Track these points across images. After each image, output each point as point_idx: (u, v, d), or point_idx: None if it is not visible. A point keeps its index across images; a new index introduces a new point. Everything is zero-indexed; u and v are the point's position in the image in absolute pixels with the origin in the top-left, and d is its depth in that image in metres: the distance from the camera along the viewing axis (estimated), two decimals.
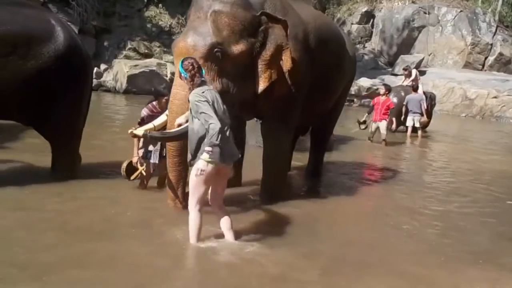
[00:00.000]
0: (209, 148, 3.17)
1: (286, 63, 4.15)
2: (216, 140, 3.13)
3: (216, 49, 3.86)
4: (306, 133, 5.92)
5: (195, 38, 3.89)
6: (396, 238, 4.06)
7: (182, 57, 3.68)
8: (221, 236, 3.52)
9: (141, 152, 4.51)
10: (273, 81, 4.15)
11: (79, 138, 4.92)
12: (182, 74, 3.36)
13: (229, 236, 3.48)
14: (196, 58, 3.56)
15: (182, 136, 3.59)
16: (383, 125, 8.52)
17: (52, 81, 4.45)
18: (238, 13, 3.96)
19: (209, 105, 3.21)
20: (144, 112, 4.50)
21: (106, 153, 5.84)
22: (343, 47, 5.35)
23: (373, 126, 8.65)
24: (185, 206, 3.81)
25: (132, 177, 4.51)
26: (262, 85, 4.14)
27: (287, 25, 4.12)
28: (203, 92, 3.27)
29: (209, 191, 3.43)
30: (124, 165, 4.50)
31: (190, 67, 3.33)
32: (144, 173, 4.52)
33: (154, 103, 4.57)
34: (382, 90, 9.01)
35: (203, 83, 3.39)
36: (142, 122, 4.36)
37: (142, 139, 4.40)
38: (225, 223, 3.47)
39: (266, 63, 4.13)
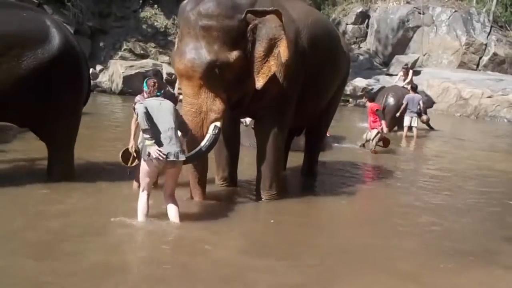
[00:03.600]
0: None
1: (283, 54, 4.13)
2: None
3: (213, 67, 3.99)
4: (301, 134, 5.93)
5: (192, 59, 4.02)
6: (391, 237, 4.08)
7: (185, 78, 4.11)
8: None
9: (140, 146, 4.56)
10: (269, 79, 4.19)
11: (74, 138, 4.92)
12: (144, 88, 4.18)
13: (175, 220, 3.84)
14: (195, 77, 4.01)
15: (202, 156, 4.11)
16: (372, 134, 7.98)
17: (47, 82, 4.46)
18: (224, 24, 4.03)
19: (145, 112, 3.70)
20: (138, 98, 4.63)
21: (102, 153, 5.85)
22: (336, 45, 5.37)
23: (366, 134, 8.17)
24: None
25: (128, 164, 4.57)
26: (261, 81, 4.20)
27: (279, 13, 4.11)
28: (146, 102, 3.85)
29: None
30: (121, 152, 4.62)
31: (151, 85, 4.07)
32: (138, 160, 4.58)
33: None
34: (364, 99, 8.75)
35: (152, 97, 4.00)
36: None
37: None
38: (171, 210, 3.85)
39: (261, 59, 4.17)
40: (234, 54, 4.05)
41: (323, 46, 4.87)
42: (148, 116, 3.68)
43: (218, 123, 4.11)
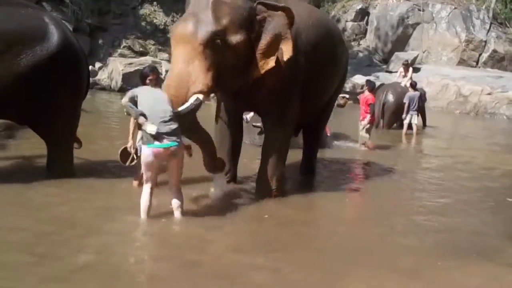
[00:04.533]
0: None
1: (285, 52, 4.12)
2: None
3: (216, 38, 3.91)
4: (298, 133, 5.86)
5: (196, 25, 3.93)
6: (390, 234, 4.08)
7: (182, 44, 3.93)
8: None
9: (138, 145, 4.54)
10: (266, 72, 4.17)
11: (73, 135, 4.92)
12: None
13: (177, 213, 3.87)
14: (195, 42, 3.85)
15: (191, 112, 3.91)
16: (363, 123, 7.80)
17: (46, 80, 4.45)
18: (238, 3, 4.02)
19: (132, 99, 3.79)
20: None
21: (101, 151, 5.85)
22: (338, 44, 5.36)
23: (360, 129, 7.95)
24: None
25: (126, 163, 4.54)
26: (256, 74, 4.17)
27: (290, 12, 4.11)
28: (136, 91, 3.88)
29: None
30: (119, 151, 4.54)
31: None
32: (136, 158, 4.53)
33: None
34: (364, 86, 8.48)
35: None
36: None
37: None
38: (175, 202, 3.86)
39: (262, 52, 4.15)
40: (238, 36, 4.02)
41: (324, 47, 4.87)
42: (136, 102, 3.72)
43: (200, 96, 3.94)
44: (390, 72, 16.37)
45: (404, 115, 9.78)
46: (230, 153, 4.92)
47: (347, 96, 8.26)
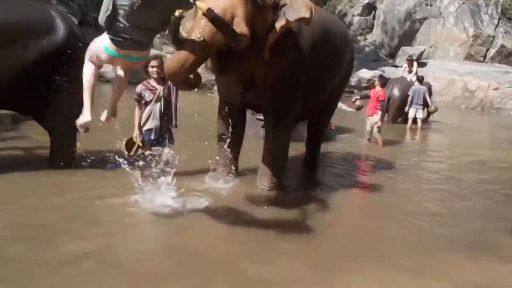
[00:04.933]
0: None
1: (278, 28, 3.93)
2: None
3: None
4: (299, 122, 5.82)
5: None
6: (392, 229, 4.08)
7: None
8: None
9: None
10: (266, 67, 4.13)
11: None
12: None
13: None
14: None
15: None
16: (374, 119, 7.80)
17: (51, 72, 4.48)
18: None
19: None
20: (139, 88, 4.65)
21: (104, 141, 5.85)
22: (340, 43, 5.34)
23: (368, 124, 7.95)
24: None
25: (131, 152, 4.56)
26: (265, 56, 4.06)
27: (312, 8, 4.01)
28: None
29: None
30: (124, 140, 4.56)
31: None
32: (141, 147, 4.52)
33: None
34: (376, 81, 8.40)
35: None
36: (140, 97, 4.55)
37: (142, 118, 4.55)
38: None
39: (271, 37, 4.02)
40: (268, 13, 3.89)
41: (326, 46, 4.84)
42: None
43: (244, 33, 3.63)
44: (396, 66, 16.32)
45: (407, 108, 9.76)
46: (231, 145, 4.93)
47: (358, 97, 8.17)
